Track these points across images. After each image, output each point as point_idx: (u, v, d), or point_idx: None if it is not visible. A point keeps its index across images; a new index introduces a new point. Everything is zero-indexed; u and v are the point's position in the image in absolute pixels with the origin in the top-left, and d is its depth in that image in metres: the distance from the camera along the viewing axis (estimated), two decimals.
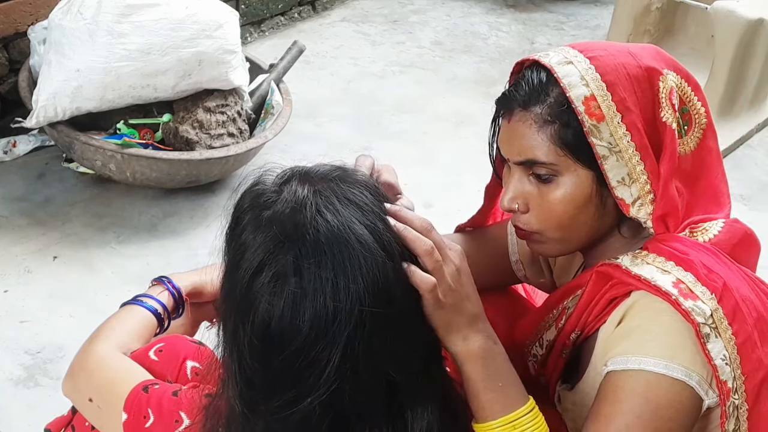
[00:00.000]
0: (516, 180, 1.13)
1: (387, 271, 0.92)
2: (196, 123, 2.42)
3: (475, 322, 1.02)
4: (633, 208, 1.10)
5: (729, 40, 2.91)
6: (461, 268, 1.00)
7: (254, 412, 0.94)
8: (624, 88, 1.09)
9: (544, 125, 1.08)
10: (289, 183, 0.95)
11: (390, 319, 0.92)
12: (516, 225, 1.17)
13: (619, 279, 1.11)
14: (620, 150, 1.08)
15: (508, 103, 1.13)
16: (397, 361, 0.93)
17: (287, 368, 0.90)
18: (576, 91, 1.08)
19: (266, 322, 0.90)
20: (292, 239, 0.90)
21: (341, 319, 0.89)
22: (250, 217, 0.95)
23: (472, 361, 1.01)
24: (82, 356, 1.19)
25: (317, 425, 0.92)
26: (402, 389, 0.95)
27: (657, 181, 1.09)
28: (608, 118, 1.07)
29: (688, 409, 1.05)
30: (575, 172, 1.09)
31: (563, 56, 1.11)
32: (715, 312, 1.04)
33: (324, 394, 0.90)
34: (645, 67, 1.11)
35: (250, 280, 0.91)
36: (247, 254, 0.92)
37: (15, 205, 2.43)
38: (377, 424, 0.94)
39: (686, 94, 1.15)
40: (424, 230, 0.97)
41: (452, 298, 0.98)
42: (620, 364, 1.06)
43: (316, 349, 0.89)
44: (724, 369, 1.04)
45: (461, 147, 2.92)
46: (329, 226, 0.90)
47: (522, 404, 1.03)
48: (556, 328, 1.21)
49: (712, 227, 1.15)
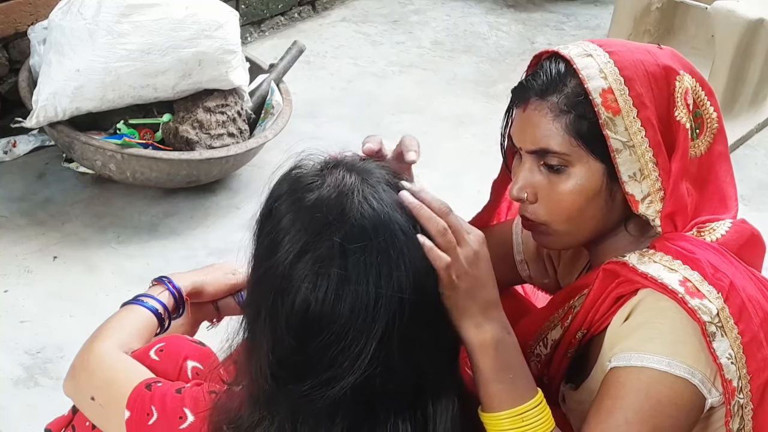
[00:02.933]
0: (527, 169, 1.13)
1: (427, 263, 0.93)
2: (196, 123, 2.42)
3: (489, 309, 1.01)
4: (642, 205, 1.10)
5: (729, 40, 2.92)
6: (480, 253, 1.00)
7: (283, 392, 0.94)
8: (641, 84, 1.09)
9: (559, 115, 1.09)
10: (336, 169, 0.96)
11: (427, 310, 0.93)
12: (523, 215, 1.17)
13: (626, 277, 1.11)
14: (634, 145, 1.08)
15: (524, 92, 1.13)
16: (428, 353, 0.94)
17: (323, 351, 0.91)
18: (594, 83, 1.08)
19: (307, 304, 0.90)
20: (338, 223, 0.90)
21: (382, 306, 0.89)
22: (291, 200, 0.95)
23: (484, 351, 1.01)
24: (83, 355, 1.19)
25: (345, 409, 0.93)
26: (429, 382, 0.95)
27: (668, 179, 1.10)
28: (624, 111, 1.08)
29: (689, 406, 1.05)
30: (587, 164, 1.10)
31: (583, 49, 1.12)
32: (721, 311, 1.04)
33: (356, 380, 0.90)
34: (663, 66, 1.12)
35: (293, 260, 0.91)
36: (288, 236, 0.92)
37: (15, 205, 2.43)
38: (401, 413, 0.95)
39: (700, 98, 1.16)
40: (441, 212, 0.97)
41: (466, 282, 0.98)
42: (623, 361, 1.06)
43: (353, 335, 0.89)
44: (730, 368, 1.04)
45: (461, 147, 2.91)
46: (375, 213, 0.91)
47: (531, 397, 1.04)
48: (562, 327, 1.21)
49: (719, 227, 1.15)
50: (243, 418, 0.98)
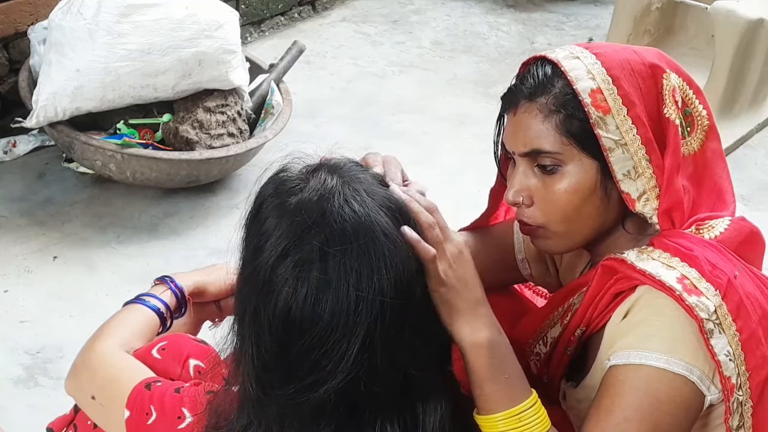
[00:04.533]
0: (521, 173, 1.14)
1: (410, 266, 0.93)
2: (196, 123, 2.42)
3: (478, 306, 1.03)
4: (639, 204, 1.11)
5: (729, 40, 2.92)
6: (464, 252, 1.02)
7: (269, 396, 0.94)
8: (629, 83, 1.11)
9: (549, 115, 1.10)
10: (317, 172, 0.96)
11: (409, 314, 0.92)
12: (520, 219, 1.18)
13: (624, 273, 1.11)
14: (626, 143, 1.09)
15: (513, 97, 1.15)
16: (413, 355, 0.94)
17: (306, 354, 0.91)
18: (582, 83, 1.10)
19: (288, 308, 0.90)
20: (318, 226, 0.90)
21: (362, 309, 0.89)
22: (275, 203, 0.95)
23: (478, 351, 1.02)
24: (84, 354, 1.19)
25: (330, 413, 0.92)
26: (416, 384, 0.95)
27: (662, 175, 1.10)
28: (614, 110, 1.09)
29: (688, 403, 1.05)
30: (580, 161, 1.10)
31: (569, 52, 1.14)
32: (719, 308, 1.05)
33: (340, 383, 0.90)
34: (649, 64, 1.13)
35: (274, 264, 0.91)
36: (271, 239, 0.92)
37: (15, 205, 2.42)
38: (389, 416, 0.94)
39: (688, 96, 1.17)
40: (429, 209, 1.00)
41: (454, 277, 0.99)
42: (622, 359, 1.06)
43: (335, 338, 0.89)
44: (728, 365, 1.04)
45: (461, 147, 2.92)
46: (356, 216, 0.91)
47: (527, 396, 1.04)
48: (561, 325, 1.21)
49: (718, 225, 1.15)
50: (233, 421, 0.98)
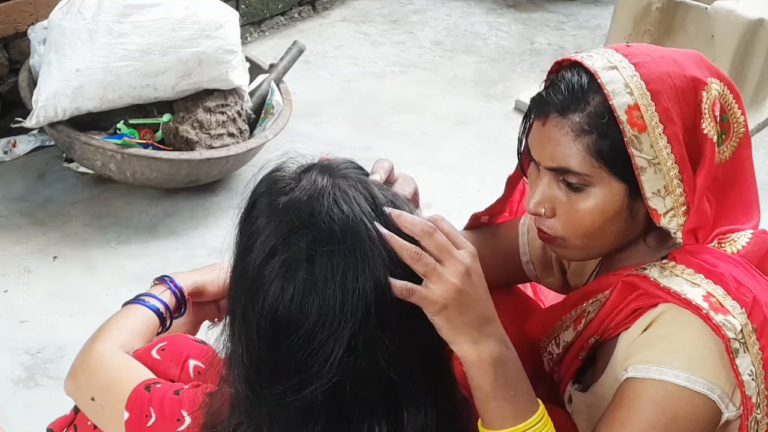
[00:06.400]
0: (545, 184, 1.10)
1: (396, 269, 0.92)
2: (196, 123, 2.42)
3: (486, 324, 0.95)
4: (664, 219, 1.07)
5: (729, 40, 2.92)
6: (472, 268, 0.94)
7: (258, 396, 0.94)
8: (669, 98, 1.05)
9: (581, 134, 1.05)
10: (309, 172, 0.95)
11: (394, 317, 0.92)
12: (539, 228, 1.14)
13: (645, 290, 1.08)
14: (659, 162, 1.05)
15: (544, 105, 1.08)
16: (396, 359, 0.93)
17: (292, 355, 0.91)
18: (619, 99, 1.04)
19: (275, 307, 0.90)
20: (306, 226, 0.90)
21: (348, 310, 0.89)
22: (266, 201, 0.95)
23: (483, 368, 0.95)
24: (84, 355, 1.19)
25: (318, 413, 0.92)
26: (398, 387, 0.94)
27: (692, 194, 1.07)
28: (650, 128, 1.04)
29: (706, 421, 1.03)
30: (608, 184, 1.06)
31: (607, 60, 1.07)
32: (744, 327, 1.02)
33: (326, 385, 0.90)
34: (690, 77, 1.07)
35: (261, 263, 0.91)
36: (260, 238, 0.92)
37: (15, 205, 2.42)
38: (377, 417, 0.94)
39: (728, 102, 1.12)
40: (424, 234, 0.92)
41: (456, 300, 0.92)
42: (641, 372, 1.04)
43: (321, 338, 0.89)
44: (750, 384, 1.02)
45: (461, 147, 2.91)
46: (344, 217, 0.90)
47: (533, 412, 0.99)
48: (575, 330, 1.20)
49: (740, 238, 1.12)
50: (225, 422, 0.98)
